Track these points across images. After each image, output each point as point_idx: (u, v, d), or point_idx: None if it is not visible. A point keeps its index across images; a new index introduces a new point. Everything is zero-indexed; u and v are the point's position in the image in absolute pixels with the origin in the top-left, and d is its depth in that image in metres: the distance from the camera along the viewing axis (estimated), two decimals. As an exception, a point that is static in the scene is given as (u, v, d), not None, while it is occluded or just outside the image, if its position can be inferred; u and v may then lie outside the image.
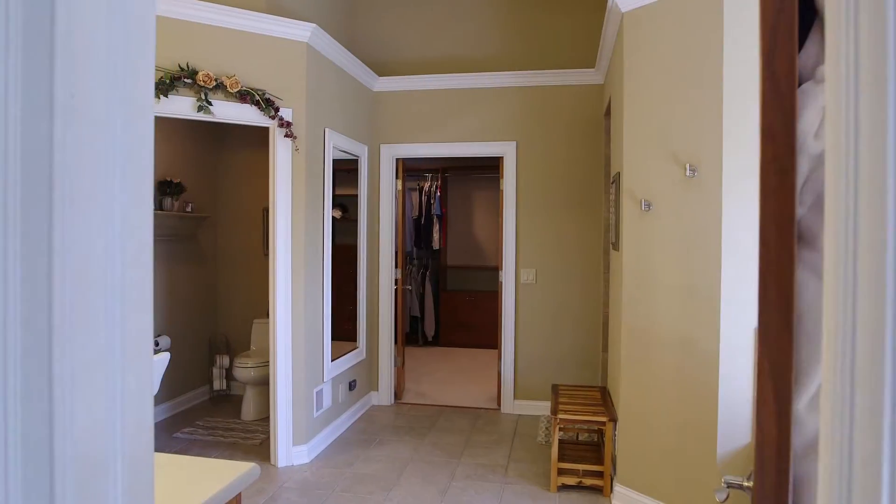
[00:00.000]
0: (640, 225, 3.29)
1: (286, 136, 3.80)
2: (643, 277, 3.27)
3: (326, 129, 4.25)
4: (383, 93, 5.30)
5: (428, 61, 5.35)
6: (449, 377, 6.42)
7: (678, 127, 3.13)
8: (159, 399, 4.86)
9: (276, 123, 3.78)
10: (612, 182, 3.95)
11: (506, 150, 5.12)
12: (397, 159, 5.38)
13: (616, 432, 3.47)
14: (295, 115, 3.88)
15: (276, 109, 3.76)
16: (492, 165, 7.95)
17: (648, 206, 3.22)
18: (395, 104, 5.29)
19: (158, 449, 4.17)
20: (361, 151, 5.03)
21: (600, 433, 4.02)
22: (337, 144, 4.45)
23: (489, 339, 7.91)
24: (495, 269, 8.19)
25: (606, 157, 4.80)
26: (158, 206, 4.72)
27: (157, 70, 3.41)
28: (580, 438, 4.37)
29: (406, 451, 4.20)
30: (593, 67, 4.93)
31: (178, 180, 4.82)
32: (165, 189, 4.73)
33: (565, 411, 3.57)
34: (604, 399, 3.87)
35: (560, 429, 3.60)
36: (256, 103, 3.67)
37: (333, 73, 4.40)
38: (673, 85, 3.16)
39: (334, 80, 4.41)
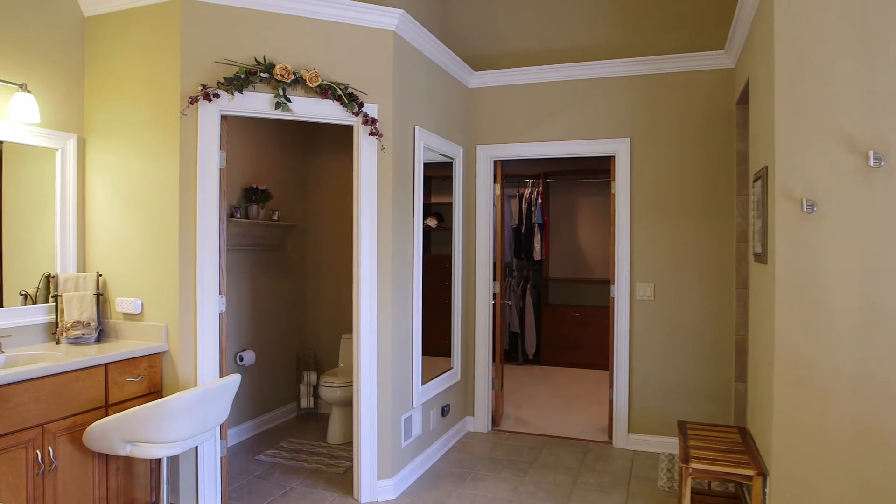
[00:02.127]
0: (800, 230, 2.60)
1: (371, 134, 3.42)
2: (805, 297, 2.57)
3: (416, 128, 3.84)
4: (479, 89, 4.85)
5: (528, 52, 4.84)
6: (552, 402, 5.82)
7: (855, 104, 2.43)
8: (244, 417, 4.63)
9: (360, 120, 3.41)
10: (755, 179, 3.26)
11: (618, 149, 4.50)
12: (495, 161, 4.90)
13: (766, 490, 2.77)
14: (381, 112, 3.49)
15: (360, 105, 3.39)
16: (598, 169, 7.30)
17: (812, 206, 2.53)
18: (492, 100, 4.82)
19: (240, 472, 3.90)
20: (456, 153, 4.59)
21: (741, 485, 3.31)
22: (428, 144, 4.03)
23: (596, 358, 7.23)
24: (603, 283, 7.50)
25: (740, 152, 4.07)
26: (244, 213, 4.50)
27: (231, 64, 3.13)
28: (713, 487, 3.67)
29: (505, 491, 3.67)
30: (722, 49, 4.23)
31: (263, 187, 4.59)
32: (251, 196, 4.51)
33: (699, 459, 2.91)
34: (745, 444, 3.16)
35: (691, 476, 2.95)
36: (338, 98, 3.32)
37: (423, 65, 3.99)
38: (844, 52, 2.46)
39: (424, 73, 4.00)
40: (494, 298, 4.93)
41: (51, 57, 3.21)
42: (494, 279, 4.93)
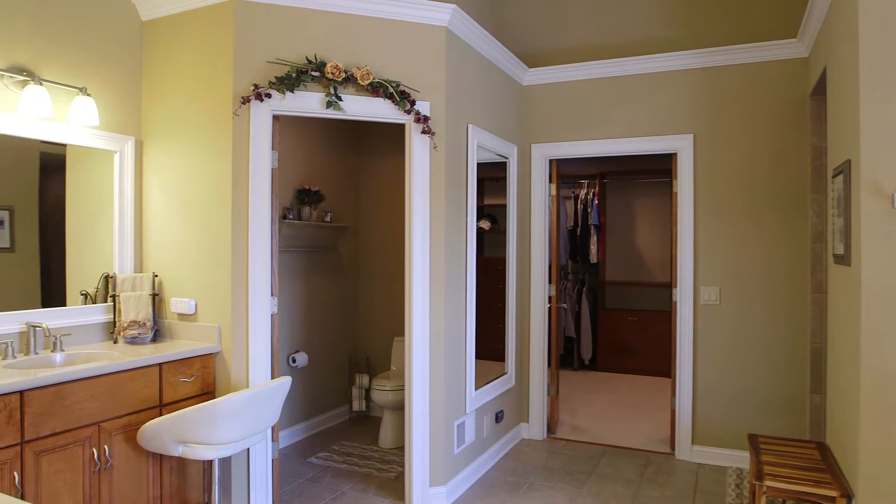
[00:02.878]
0: (889, 229, 2.37)
1: (423, 132, 3.34)
2: (895, 301, 2.34)
3: (469, 126, 3.75)
4: (534, 86, 4.71)
5: (583, 48, 4.68)
6: (610, 410, 5.61)
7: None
8: (297, 419, 4.63)
9: (412, 119, 3.34)
10: (835, 175, 3.02)
11: (680, 145, 4.29)
12: (550, 160, 4.75)
13: (851, 512, 2.54)
14: (433, 110, 3.41)
15: (412, 103, 3.32)
16: (657, 168, 7.04)
17: (904, 202, 2.30)
18: (546, 98, 4.68)
19: (291, 475, 3.89)
20: (510, 152, 4.47)
21: (819, 504, 3.06)
22: (482, 143, 3.93)
23: (656, 365, 6.96)
24: (663, 286, 7.23)
25: (815, 146, 3.81)
26: (297, 215, 4.50)
27: (282, 64, 3.11)
28: (787, 505, 3.42)
29: (562, 502, 3.52)
30: (794, 37, 3.97)
31: (316, 188, 4.58)
32: (303, 198, 4.51)
33: (774, 476, 2.70)
34: (825, 461, 2.92)
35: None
36: (390, 96, 3.25)
37: (476, 62, 3.89)
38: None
39: (477, 70, 3.91)
40: (550, 301, 4.78)
41: (110, 61, 3.27)
42: (550, 282, 4.78)
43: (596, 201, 7.31)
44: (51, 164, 3.03)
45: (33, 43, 2.92)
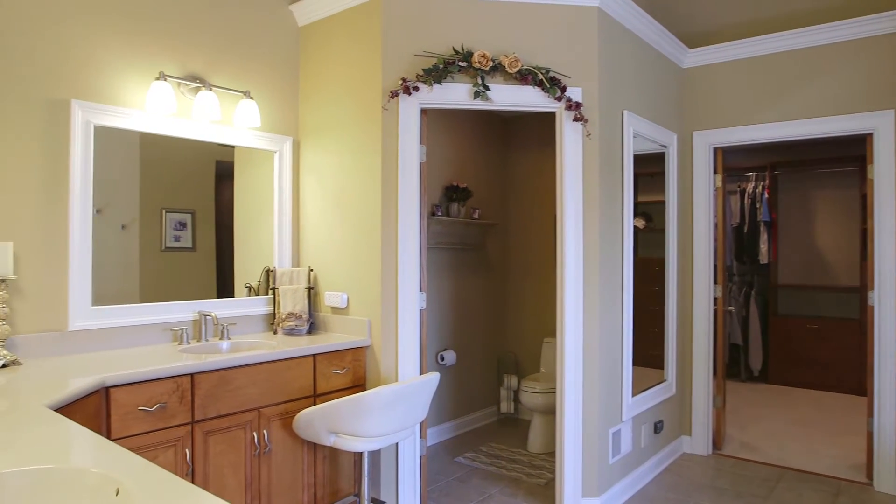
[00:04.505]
0: None
1: (575, 119, 3.15)
2: None
3: (625, 112, 3.49)
4: (696, 68, 4.32)
5: (750, 22, 4.20)
6: (787, 428, 5.00)
7: None
8: (445, 417, 4.61)
9: (563, 106, 3.16)
10: None
11: (877, 124, 3.69)
12: (715, 148, 4.32)
13: None
14: (585, 96, 3.21)
15: (563, 89, 3.14)
16: (840, 156, 6.21)
17: None
18: (710, 80, 4.26)
19: (439, 473, 3.85)
20: (669, 140, 4.12)
21: None
22: (638, 130, 3.65)
23: (842, 380, 6.13)
24: (849, 290, 6.35)
25: None
26: (445, 212, 4.49)
27: (429, 56, 3.07)
28: None
29: (732, 527, 3.15)
30: None
31: (464, 185, 4.54)
32: (451, 195, 4.49)
33: None
34: None
35: None
36: (539, 83, 3.10)
37: (631, 44, 3.62)
38: None
39: (632, 52, 3.63)
40: (716, 304, 4.34)
41: (270, 66, 3.45)
42: (715, 282, 4.34)
43: (766, 195, 6.60)
44: (223, 172, 3.25)
45: (205, 53, 3.15)
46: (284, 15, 3.52)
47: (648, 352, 4.12)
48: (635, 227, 5.70)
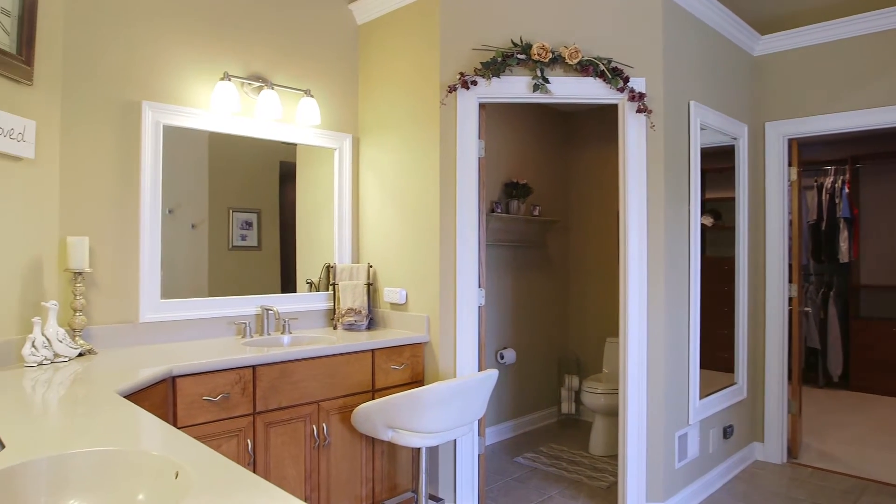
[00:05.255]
0: None
1: (639, 110, 3.05)
2: None
3: (691, 103, 3.35)
4: (767, 56, 4.11)
5: (829, 5, 3.96)
6: (870, 437, 4.69)
7: None
8: (504, 416, 4.56)
9: (626, 97, 3.06)
10: None
11: (974, 110, 3.41)
12: (790, 139, 4.10)
13: None
14: (649, 86, 3.10)
15: (626, 80, 3.04)
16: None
17: None
18: (783, 68, 4.04)
19: (498, 472, 3.81)
20: (739, 132, 3.94)
21: None
22: (705, 122, 3.50)
23: (932, 387, 5.70)
24: (941, 291, 5.90)
25: None
26: (505, 208, 4.44)
27: (487, 49, 3.04)
28: None
29: (809, 540, 2.97)
30: None
31: (523, 181, 4.48)
32: (511, 191, 4.43)
33: None
34: None
35: None
36: (601, 74, 3.01)
37: (698, 31, 3.48)
38: None
39: (699, 40, 3.49)
40: (790, 304, 4.11)
41: (330, 64, 3.50)
42: (790, 281, 4.12)
43: (846, 190, 6.23)
44: (286, 172, 3.32)
45: (267, 53, 3.22)
46: (344, 14, 3.56)
47: (716, 354, 3.95)
48: (703, 224, 5.49)
